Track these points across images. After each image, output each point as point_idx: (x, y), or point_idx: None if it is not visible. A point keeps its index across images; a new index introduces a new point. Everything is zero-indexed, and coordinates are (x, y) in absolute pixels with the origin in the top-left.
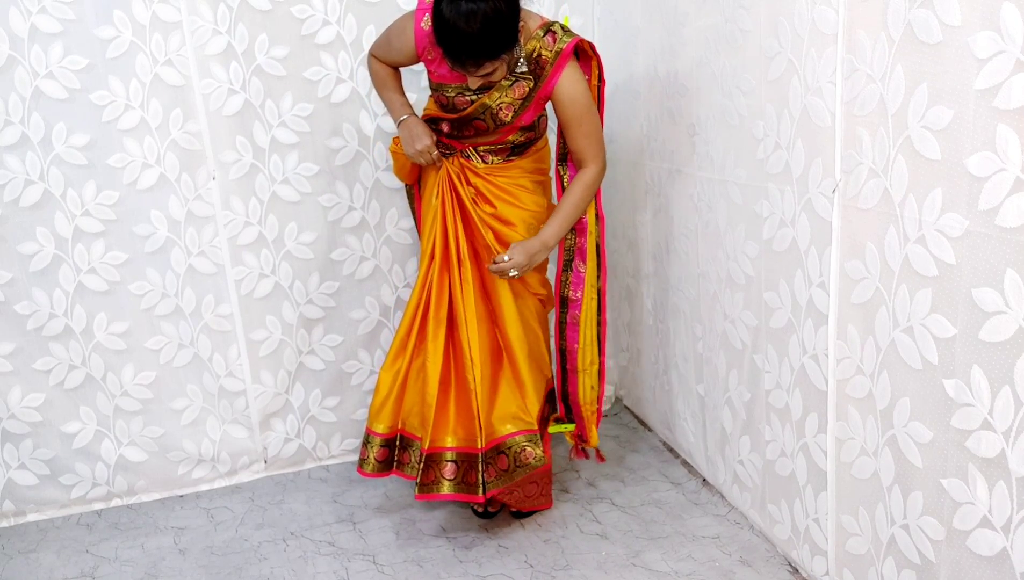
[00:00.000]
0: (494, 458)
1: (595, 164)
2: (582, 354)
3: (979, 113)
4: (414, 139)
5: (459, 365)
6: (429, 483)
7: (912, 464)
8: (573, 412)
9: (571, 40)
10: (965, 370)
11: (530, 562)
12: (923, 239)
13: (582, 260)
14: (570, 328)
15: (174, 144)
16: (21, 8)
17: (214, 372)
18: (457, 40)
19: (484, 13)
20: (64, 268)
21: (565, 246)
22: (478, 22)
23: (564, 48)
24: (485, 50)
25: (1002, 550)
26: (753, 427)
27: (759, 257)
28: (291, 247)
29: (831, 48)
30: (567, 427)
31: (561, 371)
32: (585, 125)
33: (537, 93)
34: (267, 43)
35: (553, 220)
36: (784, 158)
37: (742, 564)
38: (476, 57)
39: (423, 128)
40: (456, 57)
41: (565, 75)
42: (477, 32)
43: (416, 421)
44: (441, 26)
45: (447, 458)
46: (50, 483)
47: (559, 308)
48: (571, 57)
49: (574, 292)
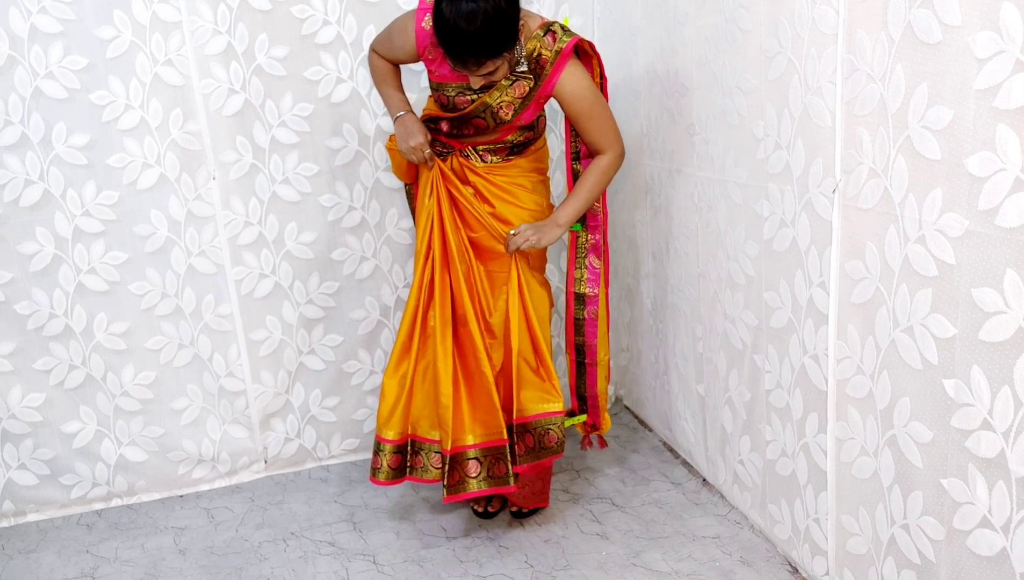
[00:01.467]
0: (522, 435)
1: (612, 150)
2: (601, 348)
3: (979, 113)
4: (408, 136)
5: (468, 362)
6: (455, 484)
7: (912, 464)
8: (588, 404)
9: (571, 39)
10: (965, 370)
11: (530, 562)
12: (923, 239)
13: (596, 256)
14: (589, 324)
15: (174, 144)
16: (21, 8)
17: (214, 372)
18: (459, 39)
19: (485, 11)
20: (64, 268)
21: (577, 243)
22: (479, 20)
23: (564, 47)
24: (487, 48)
25: (1002, 550)
26: (753, 427)
27: (759, 257)
28: (291, 247)
29: (831, 48)
30: (579, 419)
31: (577, 366)
32: (595, 118)
33: (537, 92)
34: (267, 43)
35: (568, 201)
36: (784, 158)
37: (742, 564)
38: (478, 55)
39: (418, 126)
40: (458, 56)
41: (567, 73)
42: (478, 30)
43: (427, 424)
44: (442, 25)
45: (469, 456)
46: (50, 483)
47: (575, 305)
48: (571, 56)
49: (591, 288)
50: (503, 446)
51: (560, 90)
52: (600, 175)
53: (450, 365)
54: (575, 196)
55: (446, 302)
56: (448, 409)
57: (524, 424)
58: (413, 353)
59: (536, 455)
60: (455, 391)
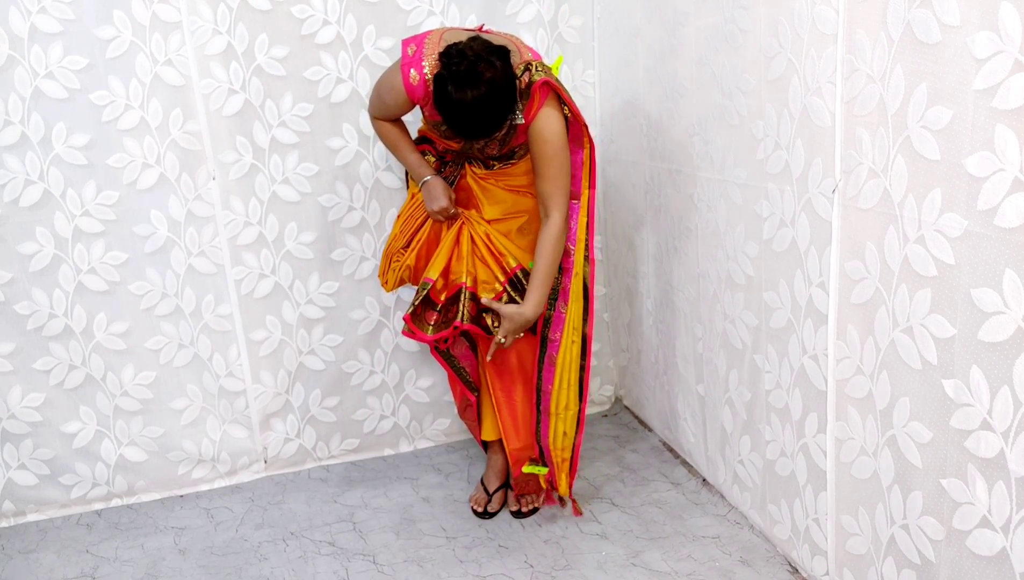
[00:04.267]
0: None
1: (558, 213)
2: (556, 397)
3: (978, 113)
4: (431, 200)
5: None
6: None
7: (912, 464)
8: (545, 455)
9: (541, 78)
10: (964, 370)
11: (530, 562)
12: (922, 239)
13: (564, 301)
14: (546, 369)
15: (174, 144)
16: (21, 8)
17: (214, 372)
18: (467, 127)
19: (488, 99)
20: (64, 268)
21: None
22: (485, 109)
23: (536, 81)
24: (493, 127)
25: (1002, 550)
26: (753, 427)
27: (759, 257)
28: (291, 247)
29: (831, 48)
30: (540, 470)
31: (536, 411)
32: (554, 168)
33: (520, 125)
34: (267, 43)
35: (531, 290)
36: (784, 158)
37: (742, 564)
38: (488, 135)
39: (441, 189)
40: (467, 137)
41: (544, 112)
42: (485, 119)
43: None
44: (448, 109)
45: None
46: (50, 483)
47: (540, 346)
48: (549, 96)
49: (553, 332)
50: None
51: (533, 127)
52: (554, 245)
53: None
54: (536, 280)
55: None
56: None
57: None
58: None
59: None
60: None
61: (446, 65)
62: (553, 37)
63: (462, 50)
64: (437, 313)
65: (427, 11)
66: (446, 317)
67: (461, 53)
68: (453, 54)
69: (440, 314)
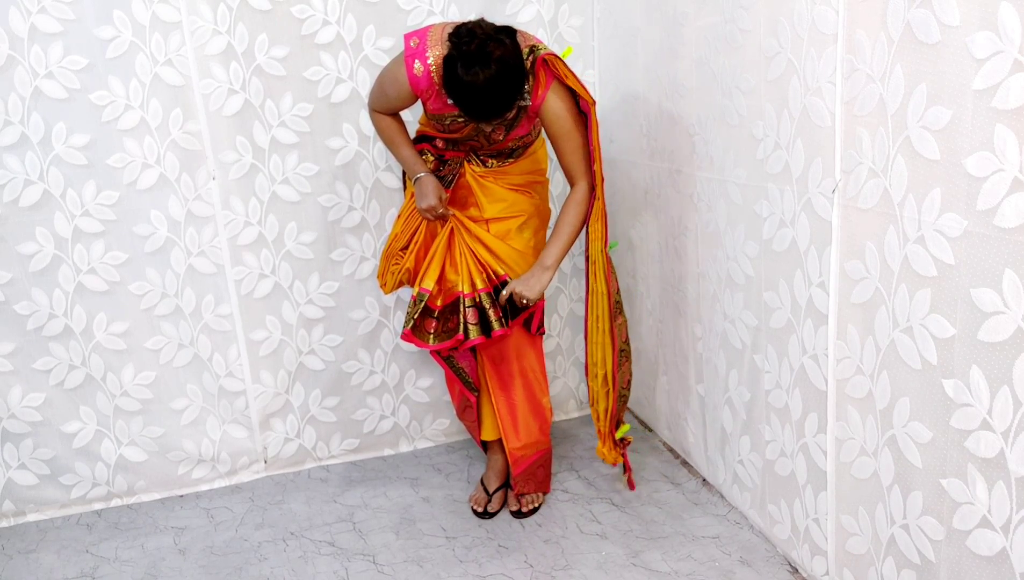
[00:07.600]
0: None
1: (584, 180)
2: (591, 351)
3: (977, 113)
4: (421, 198)
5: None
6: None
7: (912, 464)
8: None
9: (541, 54)
10: (964, 370)
11: (530, 562)
12: (922, 239)
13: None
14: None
15: (174, 144)
16: (21, 8)
17: (214, 372)
18: (476, 105)
19: (499, 73)
20: (64, 268)
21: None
22: (496, 88)
23: (536, 58)
24: (504, 107)
25: (1001, 550)
26: (753, 427)
27: (759, 257)
28: (291, 247)
29: (831, 48)
30: (625, 427)
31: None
32: (572, 141)
33: (527, 110)
34: (267, 43)
35: (552, 242)
36: (784, 158)
37: (742, 564)
38: (499, 115)
39: (432, 187)
40: (478, 119)
41: (551, 94)
42: (496, 99)
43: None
44: (458, 90)
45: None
46: (50, 483)
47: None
48: (553, 80)
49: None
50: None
51: (544, 108)
52: (576, 207)
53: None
54: (557, 236)
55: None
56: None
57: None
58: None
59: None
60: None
61: (456, 45)
62: (553, 37)
63: (471, 29)
64: (435, 321)
65: (427, 11)
66: (446, 326)
67: (471, 32)
68: (463, 34)
69: (439, 322)
